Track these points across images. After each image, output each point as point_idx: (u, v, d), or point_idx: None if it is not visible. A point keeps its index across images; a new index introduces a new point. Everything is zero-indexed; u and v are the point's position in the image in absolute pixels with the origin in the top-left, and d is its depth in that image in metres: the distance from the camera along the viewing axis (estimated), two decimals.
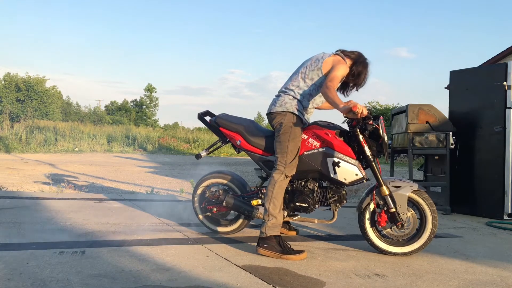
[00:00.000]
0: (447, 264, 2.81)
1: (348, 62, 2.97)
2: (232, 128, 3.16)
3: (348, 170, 2.86)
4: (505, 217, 4.88)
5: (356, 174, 2.87)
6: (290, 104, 2.92)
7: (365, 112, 2.63)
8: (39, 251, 2.51)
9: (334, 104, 2.72)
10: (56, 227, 3.21)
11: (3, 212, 3.66)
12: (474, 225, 4.50)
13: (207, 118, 3.35)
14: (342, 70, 2.90)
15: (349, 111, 2.63)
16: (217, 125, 3.23)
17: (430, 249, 3.02)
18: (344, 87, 3.14)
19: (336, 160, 2.86)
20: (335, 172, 2.88)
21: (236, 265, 2.50)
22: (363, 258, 2.86)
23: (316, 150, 2.92)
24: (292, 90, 2.96)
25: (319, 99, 3.01)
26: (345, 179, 2.88)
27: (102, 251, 2.60)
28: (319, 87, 2.94)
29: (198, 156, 3.32)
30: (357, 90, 3.12)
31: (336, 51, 3.03)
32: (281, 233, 2.90)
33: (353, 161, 2.87)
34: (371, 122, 2.79)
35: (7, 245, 2.64)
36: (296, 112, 2.91)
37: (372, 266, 2.66)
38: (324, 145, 2.91)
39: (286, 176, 2.86)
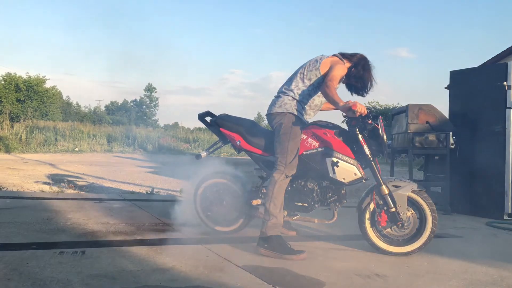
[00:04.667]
0: (447, 264, 2.81)
1: (347, 64, 2.98)
2: (232, 129, 3.17)
3: (347, 170, 2.87)
4: (505, 217, 4.88)
5: (355, 174, 2.87)
6: (289, 105, 2.93)
7: (365, 111, 2.64)
8: (39, 251, 2.51)
9: (334, 103, 2.73)
10: (56, 227, 3.21)
11: (3, 212, 3.66)
12: (474, 225, 4.50)
13: (208, 119, 3.35)
14: (341, 70, 2.91)
15: (348, 110, 2.63)
16: (217, 125, 3.23)
17: (430, 249, 3.02)
18: (352, 89, 3.12)
19: (335, 160, 2.86)
20: (334, 172, 2.88)
21: (236, 265, 2.50)
22: (363, 258, 2.86)
23: (315, 150, 2.92)
24: (291, 90, 2.96)
25: (318, 99, 3.02)
26: (344, 179, 2.88)
27: (102, 251, 2.60)
28: (318, 87, 2.95)
29: (198, 157, 3.33)
30: (363, 95, 3.10)
31: (334, 54, 3.04)
32: (281, 233, 2.90)
33: (352, 161, 2.87)
34: (370, 121, 2.79)
35: (7, 245, 2.65)
36: (296, 113, 2.91)
37: (372, 266, 2.66)
38: (323, 145, 2.91)
39: (287, 176, 2.87)
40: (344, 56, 3.01)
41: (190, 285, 2.10)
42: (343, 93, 3.06)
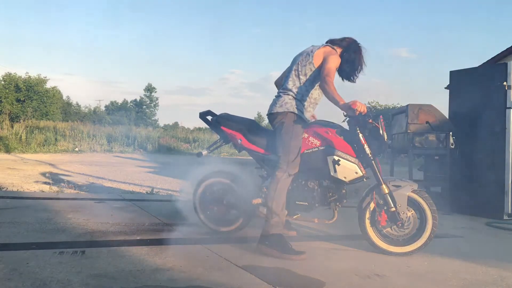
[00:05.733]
0: (447, 264, 2.81)
1: (338, 50, 2.98)
2: (233, 127, 3.17)
3: (348, 168, 2.87)
4: (505, 217, 4.88)
5: (356, 172, 2.87)
6: (290, 104, 2.93)
7: (364, 109, 2.64)
8: (39, 251, 2.51)
9: (333, 101, 2.72)
10: (56, 227, 3.20)
11: (3, 212, 3.66)
12: (474, 225, 4.50)
13: (209, 118, 3.35)
14: (335, 61, 2.89)
15: (348, 108, 2.63)
16: (219, 124, 3.23)
17: (430, 249, 3.03)
18: (342, 74, 3.08)
19: (336, 158, 2.87)
20: (335, 171, 2.88)
21: (236, 265, 2.50)
22: (363, 258, 2.86)
23: (316, 149, 2.93)
24: (290, 90, 2.96)
25: (315, 93, 3.00)
26: (345, 177, 2.88)
27: (102, 251, 2.60)
28: (314, 81, 2.94)
29: (199, 155, 3.33)
30: (353, 79, 3.05)
31: (325, 43, 3.02)
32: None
33: (353, 159, 2.87)
34: (370, 120, 2.79)
35: (7, 245, 2.64)
36: (297, 112, 2.92)
37: (372, 266, 2.66)
38: (325, 144, 2.91)
39: (289, 175, 2.87)
40: (334, 43, 2.99)
41: (190, 285, 2.10)
42: (341, 93, 3.05)
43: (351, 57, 2.97)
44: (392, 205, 2.87)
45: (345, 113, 2.77)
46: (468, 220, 4.82)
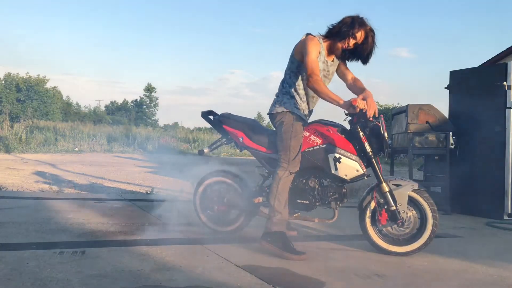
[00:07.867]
0: (447, 264, 2.81)
1: (352, 42, 2.83)
2: (235, 126, 3.18)
3: (349, 166, 2.87)
4: (505, 217, 4.87)
5: (357, 170, 2.87)
6: (288, 104, 2.93)
7: (365, 106, 2.64)
8: (39, 251, 2.51)
9: (331, 101, 2.69)
10: (56, 227, 3.20)
11: (3, 212, 3.66)
12: (474, 225, 4.49)
13: (211, 117, 3.36)
14: (313, 48, 2.75)
15: (349, 106, 2.63)
16: (221, 122, 3.24)
17: (430, 249, 3.02)
18: (352, 56, 2.96)
19: (337, 155, 2.87)
20: (336, 168, 2.88)
21: (236, 265, 2.50)
22: (363, 258, 2.86)
23: (317, 147, 2.93)
24: (287, 89, 2.97)
25: (303, 84, 2.94)
26: (346, 175, 2.88)
27: (102, 251, 2.60)
28: (297, 73, 2.90)
29: (200, 152, 3.34)
30: (365, 60, 2.95)
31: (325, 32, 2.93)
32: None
33: (354, 157, 2.87)
34: (371, 119, 2.79)
35: (7, 245, 2.64)
36: (295, 111, 2.92)
37: (372, 266, 2.65)
38: (326, 142, 2.92)
39: (290, 173, 2.87)
40: (326, 33, 2.90)
41: (190, 285, 2.10)
42: (340, 92, 3.03)
43: (358, 34, 2.80)
44: (393, 204, 2.87)
45: (346, 112, 2.76)
46: (468, 220, 4.82)
